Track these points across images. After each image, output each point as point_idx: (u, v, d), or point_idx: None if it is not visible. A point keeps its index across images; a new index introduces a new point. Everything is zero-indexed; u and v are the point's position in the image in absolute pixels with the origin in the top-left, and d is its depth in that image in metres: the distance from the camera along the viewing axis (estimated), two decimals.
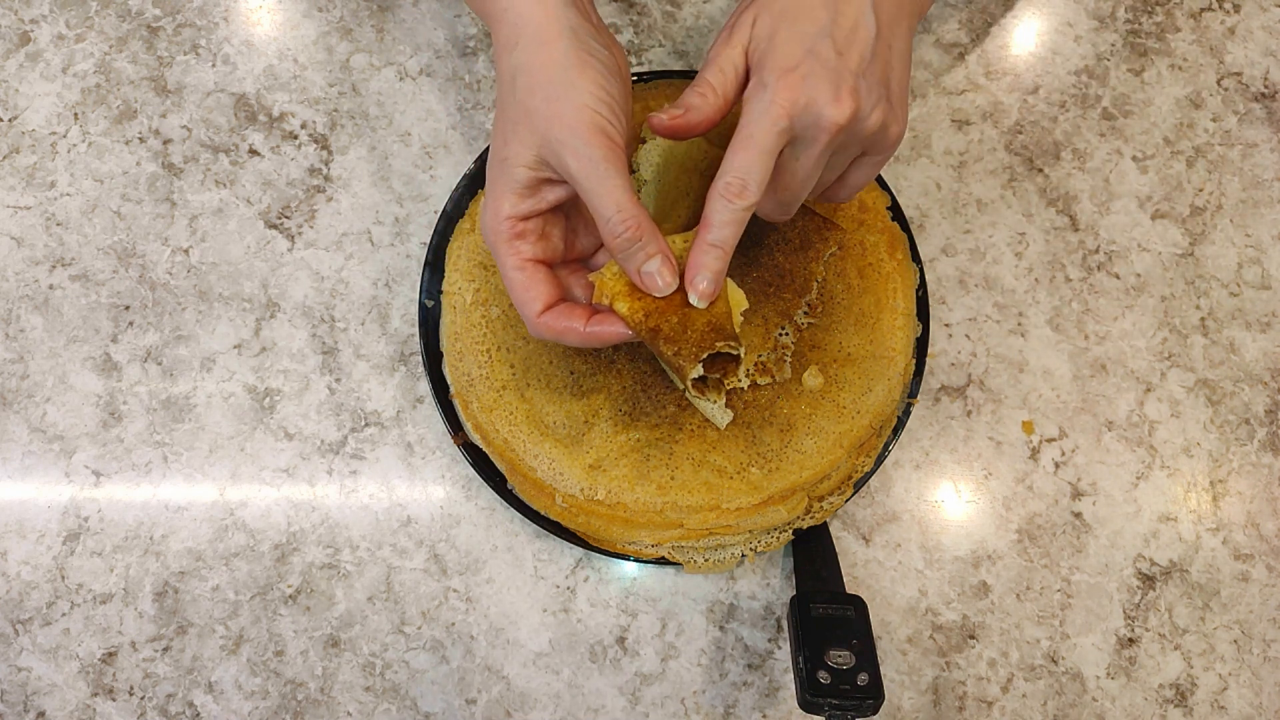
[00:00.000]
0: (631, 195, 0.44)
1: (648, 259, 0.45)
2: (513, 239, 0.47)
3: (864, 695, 0.51)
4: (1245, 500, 0.65)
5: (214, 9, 0.69)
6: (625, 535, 0.59)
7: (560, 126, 0.43)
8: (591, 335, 0.47)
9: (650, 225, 0.45)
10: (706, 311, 0.46)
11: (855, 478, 0.62)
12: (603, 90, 0.44)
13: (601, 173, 0.43)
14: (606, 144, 0.43)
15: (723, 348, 0.45)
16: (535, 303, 0.47)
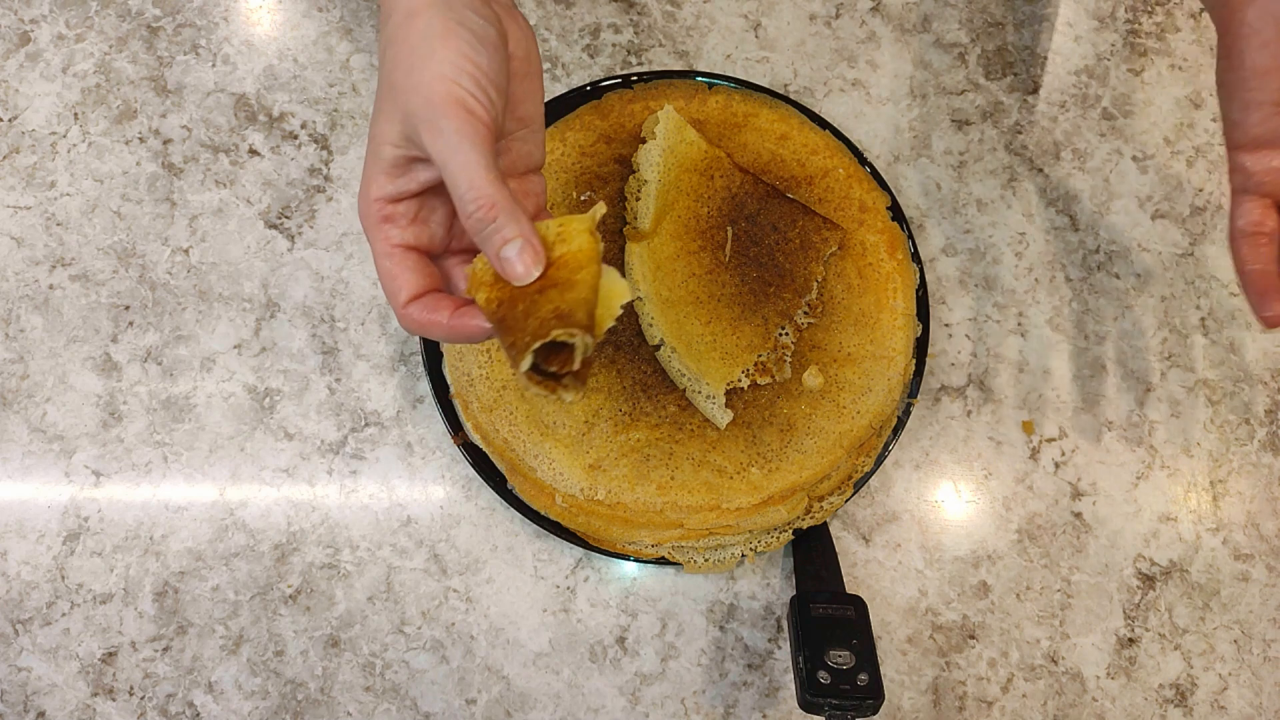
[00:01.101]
0: (490, 173, 0.40)
1: (504, 243, 0.40)
2: (381, 222, 0.43)
3: (864, 695, 0.51)
4: (1245, 500, 0.65)
5: (214, 9, 0.69)
6: (625, 535, 0.59)
7: (417, 99, 0.40)
8: (455, 329, 0.42)
9: (510, 206, 0.40)
10: (559, 297, 0.40)
11: (855, 478, 0.62)
12: (465, 60, 0.40)
13: (454, 146, 0.39)
14: (463, 116, 0.39)
15: (561, 335, 0.39)
16: (400, 293, 0.42)
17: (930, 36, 0.72)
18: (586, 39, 0.70)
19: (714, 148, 0.63)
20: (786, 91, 0.70)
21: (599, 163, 0.64)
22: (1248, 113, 0.47)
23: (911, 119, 0.70)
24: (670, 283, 0.61)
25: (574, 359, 0.40)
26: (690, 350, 0.60)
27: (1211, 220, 0.70)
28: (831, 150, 0.65)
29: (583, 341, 0.39)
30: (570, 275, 0.41)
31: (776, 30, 0.71)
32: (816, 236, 0.63)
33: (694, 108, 0.65)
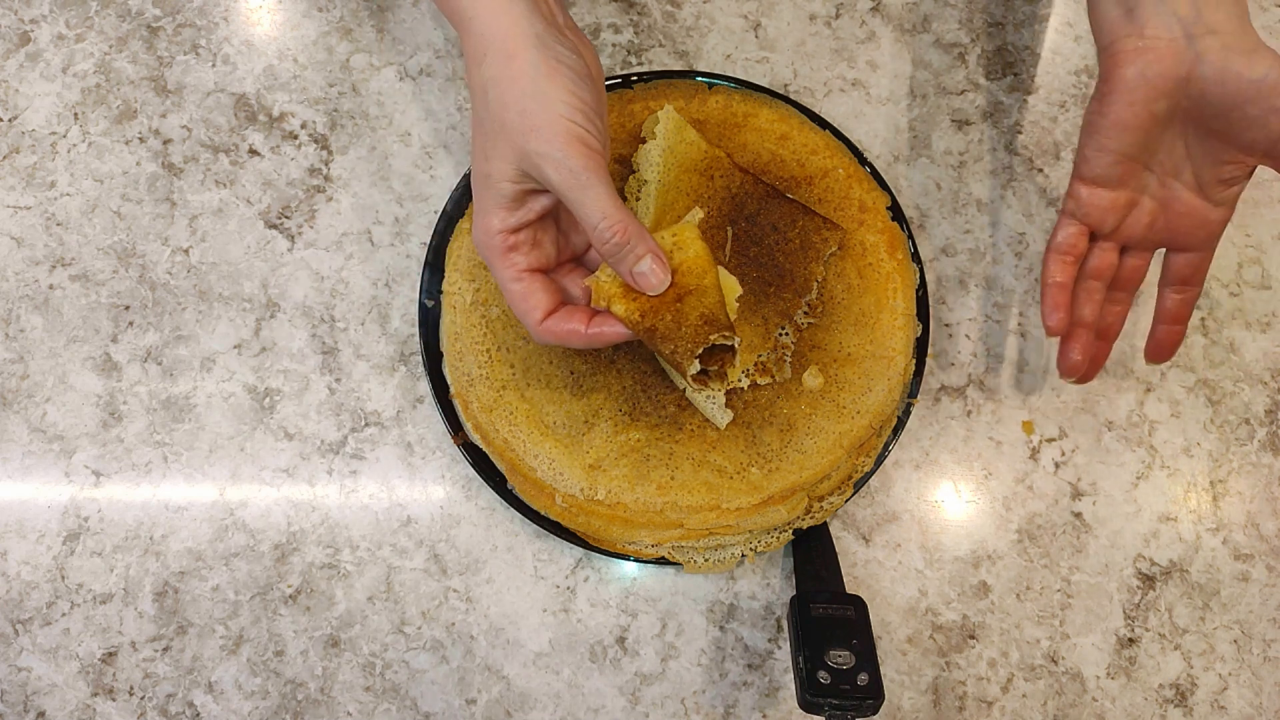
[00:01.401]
0: (615, 199, 0.44)
1: (638, 260, 0.45)
2: (506, 252, 0.48)
3: (864, 695, 0.51)
4: (1245, 500, 0.65)
5: (214, 9, 0.69)
6: (625, 535, 0.59)
7: (537, 139, 0.43)
8: (595, 336, 0.48)
9: (637, 227, 0.45)
10: (699, 304, 0.47)
11: (855, 478, 0.62)
12: (575, 97, 0.44)
13: (584, 182, 0.43)
14: (585, 152, 0.43)
15: (717, 339, 0.46)
16: (536, 311, 0.48)
17: (930, 36, 0.72)
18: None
19: (714, 148, 0.63)
20: (786, 91, 0.70)
21: None
22: (1099, 155, 0.52)
23: (911, 119, 0.70)
24: None
25: (729, 357, 0.47)
26: None
27: None
28: (831, 150, 0.65)
29: (735, 341, 0.46)
30: (699, 281, 0.47)
31: (776, 30, 0.71)
32: (816, 236, 0.63)
33: (694, 108, 0.65)
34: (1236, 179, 0.52)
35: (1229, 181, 0.52)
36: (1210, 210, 0.53)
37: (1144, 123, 0.50)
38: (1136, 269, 0.57)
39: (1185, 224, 0.54)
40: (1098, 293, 0.57)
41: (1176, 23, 0.48)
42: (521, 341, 0.61)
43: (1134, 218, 0.54)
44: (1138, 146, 0.51)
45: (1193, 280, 0.56)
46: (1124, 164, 0.52)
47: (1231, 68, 0.47)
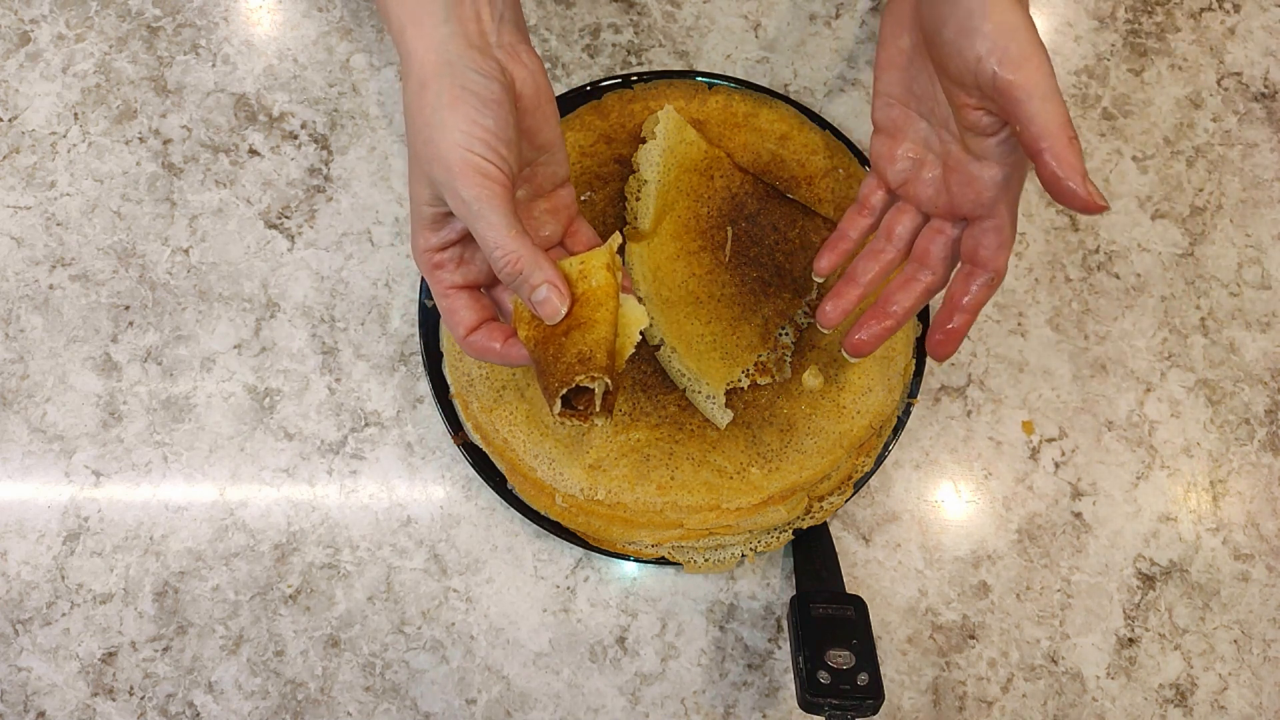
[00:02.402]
0: (509, 229, 0.44)
1: (533, 290, 0.45)
2: (433, 269, 0.49)
3: (864, 695, 0.51)
4: (1245, 500, 0.65)
5: (214, 9, 0.69)
6: (625, 535, 0.59)
7: (439, 168, 0.44)
8: (505, 356, 0.49)
9: (532, 255, 0.45)
10: (581, 340, 0.45)
11: (855, 478, 0.62)
12: (475, 125, 0.44)
13: (477, 212, 0.43)
14: (480, 182, 0.43)
15: (583, 380, 0.44)
16: (458, 328, 0.49)
17: None
18: (586, 39, 0.70)
19: (714, 148, 0.63)
20: (786, 91, 0.70)
21: (599, 163, 0.64)
22: (875, 100, 0.52)
23: None
24: (670, 283, 0.61)
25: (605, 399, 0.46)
26: (690, 350, 0.60)
27: (1211, 220, 0.70)
28: (831, 150, 0.65)
29: (601, 384, 0.45)
30: (591, 314, 0.46)
31: (776, 30, 0.71)
32: (816, 236, 0.63)
33: (694, 108, 0.65)
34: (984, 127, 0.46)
35: (976, 128, 0.46)
36: (978, 166, 0.48)
37: (896, 60, 0.50)
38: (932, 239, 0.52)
39: (959, 182, 0.49)
40: (884, 253, 0.54)
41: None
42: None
43: (921, 176, 0.51)
44: (900, 87, 0.51)
45: (978, 258, 0.49)
46: (893, 109, 0.52)
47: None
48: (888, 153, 0.52)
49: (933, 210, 0.52)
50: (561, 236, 0.53)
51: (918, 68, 0.50)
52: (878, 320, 0.53)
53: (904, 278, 0.53)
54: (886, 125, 0.52)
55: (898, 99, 0.51)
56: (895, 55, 0.50)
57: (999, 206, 0.48)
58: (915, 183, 0.52)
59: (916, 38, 0.49)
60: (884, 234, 0.54)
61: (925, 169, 0.51)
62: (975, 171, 0.48)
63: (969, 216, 0.50)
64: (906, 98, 0.51)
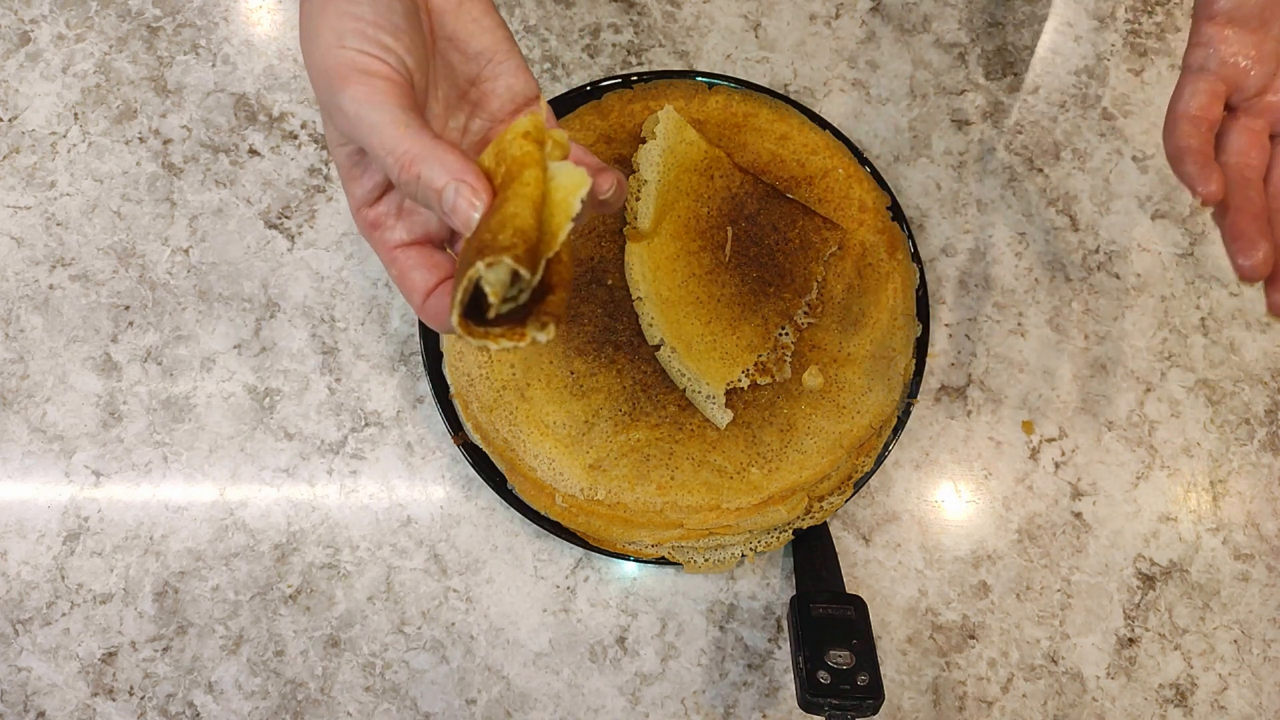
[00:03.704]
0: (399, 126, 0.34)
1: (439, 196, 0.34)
2: (371, 230, 0.39)
3: (864, 695, 0.51)
4: (1245, 500, 0.65)
5: (214, 9, 0.69)
6: (625, 535, 0.59)
7: (318, 81, 0.36)
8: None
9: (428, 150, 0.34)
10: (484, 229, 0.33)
11: (855, 478, 0.62)
12: (346, 18, 0.35)
13: (358, 116, 0.34)
14: (357, 79, 0.35)
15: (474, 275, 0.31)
16: (413, 294, 0.39)
17: (930, 36, 0.72)
18: (586, 39, 0.70)
19: (714, 148, 0.63)
20: (786, 91, 0.70)
21: None
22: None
23: (911, 119, 0.70)
24: (670, 283, 0.61)
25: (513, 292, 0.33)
26: (690, 350, 0.60)
27: (1212, 220, 0.70)
28: (831, 150, 0.65)
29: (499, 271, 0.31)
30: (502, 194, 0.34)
31: (776, 30, 0.71)
32: (816, 236, 0.63)
33: (694, 108, 0.65)
34: None
35: None
36: None
37: None
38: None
39: None
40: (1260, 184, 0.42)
41: None
42: None
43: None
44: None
45: None
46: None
47: None
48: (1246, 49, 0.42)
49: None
50: None
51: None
52: None
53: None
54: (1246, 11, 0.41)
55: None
56: None
57: None
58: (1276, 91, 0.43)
59: None
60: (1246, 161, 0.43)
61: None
62: None
63: None
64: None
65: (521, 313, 0.33)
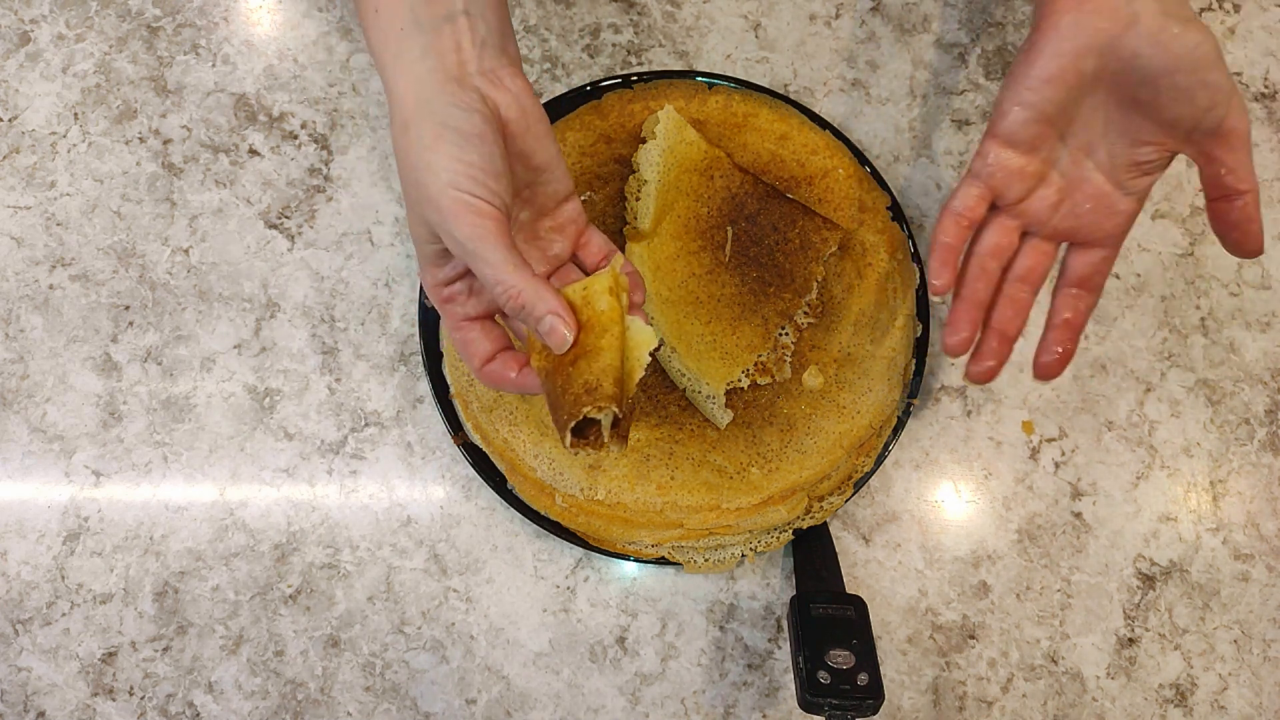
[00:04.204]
0: (509, 264, 0.43)
1: (538, 321, 0.45)
2: (444, 303, 0.49)
3: (864, 695, 0.51)
4: (1245, 500, 0.65)
5: (214, 9, 0.69)
6: (625, 535, 0.59)
7: (430, 210, 0.44)
8: (521, 385, 0.48)
9: (534, 288, 0.44)
10: (587, 369, 0.44)
11: (855, 478, 0.62)
12: (458, 163, 0.43)
13: (473, 251, 0.43)
14: (472, 221, 0.43)
15: (590, 412, 0.43)
16: (473, 360, 0.49)
17: (930, 36, 0.72)
18: (586, 39, 0.70)
19: (714, 148, 0.63)
20: (786, 91, 0.70)
21: (599, 163, 0.64)
22: (1018, 110, 0.49)
23: (911, 119, 0.70)
24: (670, 283, 0.61)
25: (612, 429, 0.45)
26: (690, 350, 0.60)
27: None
28: (831, 150, 0.65)
29: (608, 414, 0.44)
30: (596, 341, 0.45)
31: (776, 30, 0.71)
32: (816, 236, 0.63)
33: (694, 108, 0.65)
34: (1152, 166, 0.50)
35: (1144, 167, 0.50)
36: (1119, 199, 0.50)
37: (1069, 79, 0.48)
38: (1039, 261, 0.52)
39: (1092, 211, 0.51)
40: (994, 273, 0.52)
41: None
42: (521, 342, 0.61)
43: (1040, 194, 0.51)
44: (1057, 106, 0.49)
45: (1090, 284, 0.53)
46: (1040, 125, 0.49)
47: (1167, 32, 0.45)
48: (1014, 167, 0.50)
49: (1041, 230, 0.52)
50: (572, 250, 0.51)
51: (1088, 93, 0.49)
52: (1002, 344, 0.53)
53: (1013, 298, 0.53)
54: (1022, 139, 0.50)
55: (1046, 116, 0.49)
56: (1070, 75, 0.48)
57: (1121, 238, 0.52)
58: (1031, 201, 0.51)
59: (1107, 66, 0.47)
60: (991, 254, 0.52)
61: (1043, 188, 0.51)
62: (1116, 203, 0.50)
63: (1086, 242, 0.52)
64: (1057, 117, 0.49)
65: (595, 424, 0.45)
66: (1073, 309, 0.53)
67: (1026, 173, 0.50)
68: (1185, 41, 0.46)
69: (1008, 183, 0.51)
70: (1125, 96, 0.48)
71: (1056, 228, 0.52)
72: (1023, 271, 0.53)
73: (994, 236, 0.52)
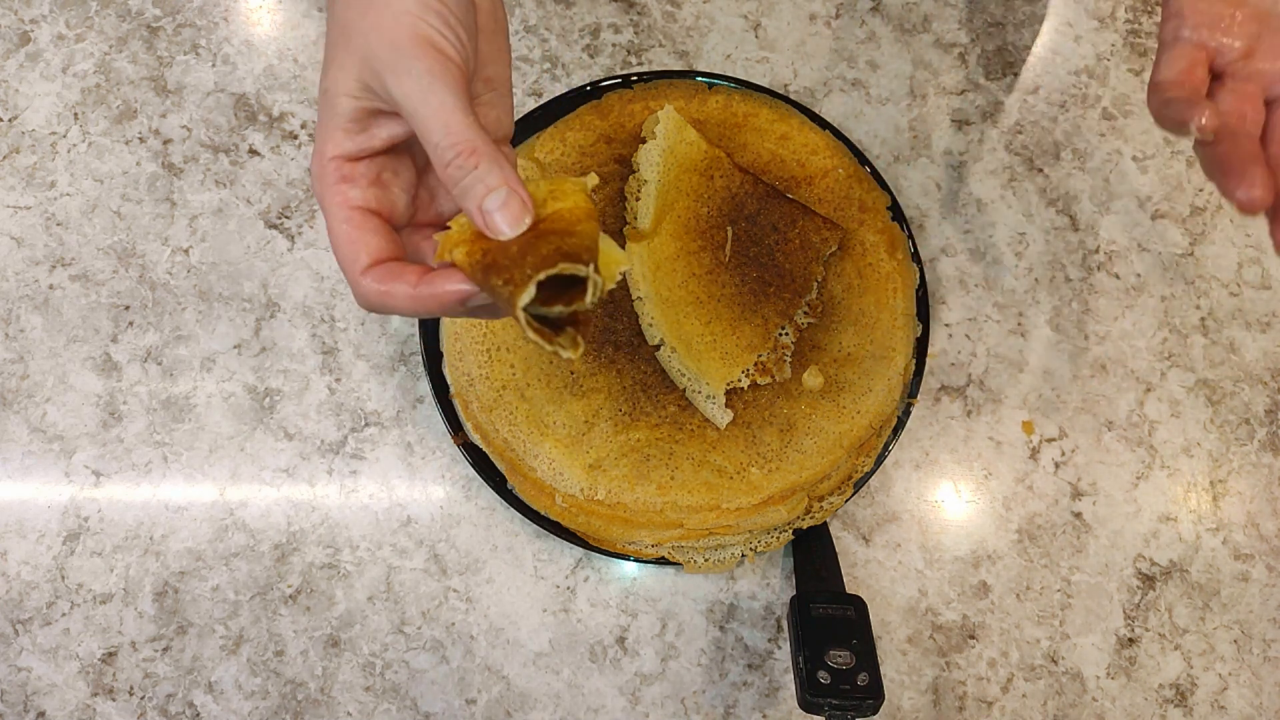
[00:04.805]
0: (468, 116, 0.35)
1: (487, 192, 0.35)
2: (338, 182, 0.38)
3: (864, 695, 0.51)
4: (1245, 500, 0.65)
5: (214, 9, 0.69)
6: (625, 535, 0.59)
7: (378, 40, 0.36)
8: (422, 298, 0.37)
9: (490, 151, 0.36)
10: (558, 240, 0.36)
11: (855, 478, 0.62)
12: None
13: (426, 88, 0.35)
14: (433, 55, 0.35)
15: (567, 269, 0.34)
16: (359, 258, 0.37)
17: (930, 36, 0.72)
18: (586, 39, 0.70)
19: (714, 148, 0.63)
20: (786, 91, 0.70)
21: (599, 163, 0.64)
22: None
23: (911, 119, 0.70)
24: (670, 283, 0.61)
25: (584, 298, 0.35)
26: (690, 350, 0.60)
27: (1212, 220, 0.70)
28: (831, 150, 0.65)
29: (595, 279, 0.35)
30: (569, 226, 0.36)
31: (776, 30, 0.71)
32: (816, 236, 0.63)
33: (694, 108, 0.65)
34: None
35: None
36: None
37: None
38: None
39: None
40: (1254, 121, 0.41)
41: None
42: (521, 341, 0.61)
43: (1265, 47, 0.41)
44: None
45: None
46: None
47: None
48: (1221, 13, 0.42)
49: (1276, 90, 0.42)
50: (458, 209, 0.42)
51: None
52: None
53: None
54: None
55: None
56: None
57: None
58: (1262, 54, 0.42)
59: None
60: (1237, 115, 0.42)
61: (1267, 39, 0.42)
62: None
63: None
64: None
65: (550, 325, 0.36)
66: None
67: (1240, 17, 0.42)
68: None
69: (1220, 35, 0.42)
70: None
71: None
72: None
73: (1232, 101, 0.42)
